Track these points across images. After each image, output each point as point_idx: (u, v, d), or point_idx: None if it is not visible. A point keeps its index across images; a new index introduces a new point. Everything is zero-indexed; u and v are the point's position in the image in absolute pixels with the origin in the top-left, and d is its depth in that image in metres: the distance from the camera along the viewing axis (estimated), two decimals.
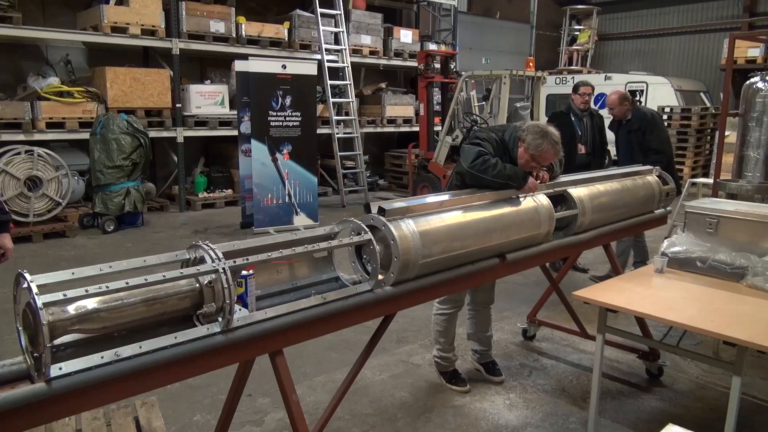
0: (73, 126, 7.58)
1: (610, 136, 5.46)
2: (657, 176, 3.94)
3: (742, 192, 5.04)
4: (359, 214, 2.35)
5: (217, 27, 8.69)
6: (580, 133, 5.32)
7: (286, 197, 7.51)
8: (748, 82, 5.19)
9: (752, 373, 3.64)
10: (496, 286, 3.63)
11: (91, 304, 1.63)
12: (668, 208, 4.07)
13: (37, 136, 7.33)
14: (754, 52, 11.61)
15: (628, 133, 5.07)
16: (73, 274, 1.68)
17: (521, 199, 2.89)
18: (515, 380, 3.60)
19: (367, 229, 2.24)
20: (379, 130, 10.95)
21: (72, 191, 7.34)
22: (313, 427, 2.33)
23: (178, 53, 8.37)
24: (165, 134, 8.51)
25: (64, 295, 1.57)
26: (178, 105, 8.47)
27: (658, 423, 3.05)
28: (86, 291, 1.61)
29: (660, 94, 12.29)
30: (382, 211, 2.27)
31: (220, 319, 1.82)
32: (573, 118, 5.34)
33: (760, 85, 5.04)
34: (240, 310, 1.90)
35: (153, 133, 8.10)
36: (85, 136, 7.46)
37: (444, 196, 2.72)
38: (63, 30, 7.76)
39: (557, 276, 4.11)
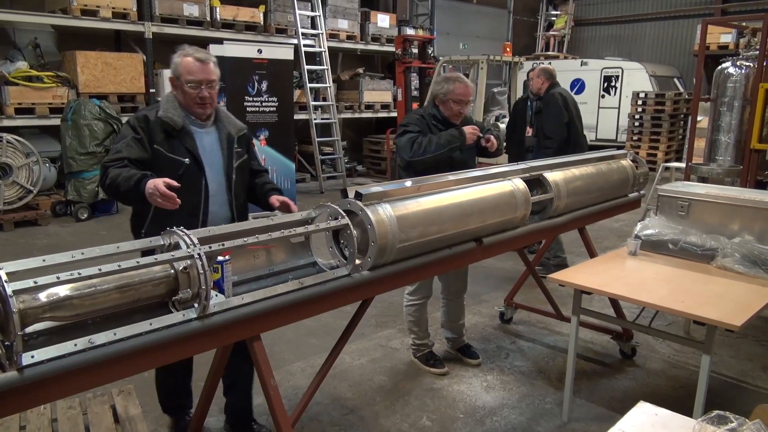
0: (43, 112, 7.39)
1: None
2: (631, 160, 4.00)
3: (712, 175, 5.15)
4: (337, 200, 2.34)
5: (191, 10, 8.53)
6: (530, 114, 5.38)
7: None
8: (719, 67, 5.28)
9: (721, 351, 3.74)
10: (473, 271, 3.66)
11: (63, 291, 1.60)
12: (642, 192, 4.14)
13: (6, 122, 7.15)
14: (727, 38, 11.79)
15: (535, 114, 5.07)
16: (44, 261, 1.65)
17: (497, 183, 2.91)
18: (492, 362, 3.65)
19: (344, 214, 2.23)
20: (357, 115, 10.89)
21: (43, 178, 7.17)
22: (292, 412, 2.34)
23: (151, 37, 8.20)
24: None
25: (35, 282, 1.54)
26: (152, 90, 8.31)
27: (630, 401, 3.09)
28: (58, 278, 1.58)
29: (635, 79, 12.46)
30: (359, 195, 2.26)
31: (196, 305, 1.80)
32: (529, 103, 5.41)
33: (731, 70, 5.13)
34: (216, 296, 1.89)
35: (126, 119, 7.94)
36: (56, 122, 7.29)
37: (421, 181, 2.72)
38: (31, 12, 7.53)
39: (533, 259, 4.16)
